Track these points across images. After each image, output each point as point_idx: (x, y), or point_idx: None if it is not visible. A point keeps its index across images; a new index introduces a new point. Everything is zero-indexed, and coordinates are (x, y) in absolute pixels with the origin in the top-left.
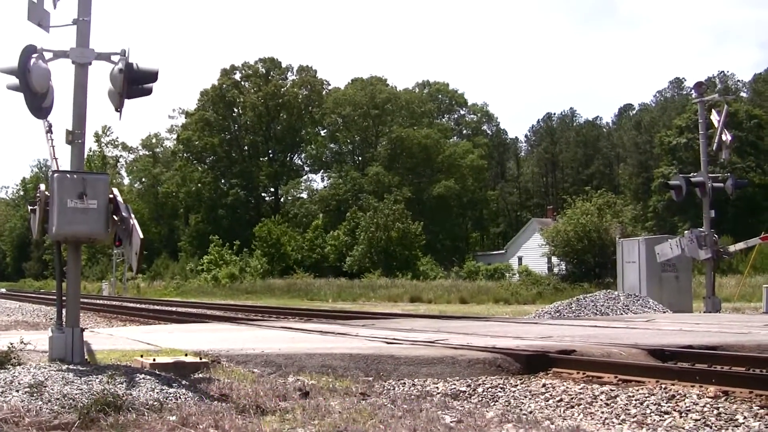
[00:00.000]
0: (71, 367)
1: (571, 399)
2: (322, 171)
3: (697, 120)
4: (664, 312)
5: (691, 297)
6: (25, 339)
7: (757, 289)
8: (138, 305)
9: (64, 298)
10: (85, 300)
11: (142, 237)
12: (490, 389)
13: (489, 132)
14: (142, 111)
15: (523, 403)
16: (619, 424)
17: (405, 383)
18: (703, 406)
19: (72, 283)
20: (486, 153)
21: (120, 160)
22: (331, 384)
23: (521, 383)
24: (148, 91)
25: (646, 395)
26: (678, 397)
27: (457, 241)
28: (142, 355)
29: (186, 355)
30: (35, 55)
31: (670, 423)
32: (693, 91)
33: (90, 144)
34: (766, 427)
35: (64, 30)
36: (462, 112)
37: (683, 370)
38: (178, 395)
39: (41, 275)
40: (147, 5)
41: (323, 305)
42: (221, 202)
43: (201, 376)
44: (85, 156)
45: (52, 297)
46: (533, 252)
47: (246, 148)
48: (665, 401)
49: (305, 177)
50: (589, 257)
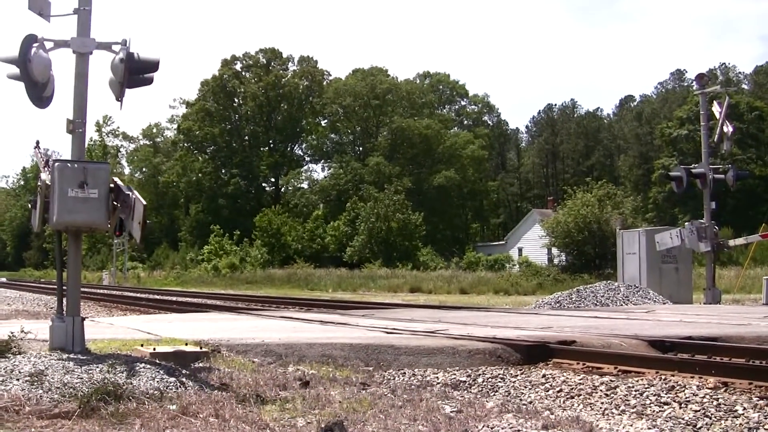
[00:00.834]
0: (72, 356)
1: (571, 389)
2: (323, 161)
3: (698, 111)
4: (664, 303)
5: (691, 288)
6: (26, 328)
7: (756, 280)
8: (138, 295)
9: (64, 288)
10: (86, 289)
11: (144, 203)
12: (490, 379)
13: (490, 123)
14: (142, 101)
15: (523, 393)
16: (619, 414)
17: (405, 373)
18: (703, 397)
19: (72, 273)
20: (487, 144)
21: (121, 149)
22: (332, 373)
23: (521, 373)
24: (149, 81)
25: (646, 386)
26: (678, 388)
27: (458, 232)
28: (142, 345)
29: (186, 344)
30: (36, 44)
31: (670, 413)
32: (694, 82)
33: (91, 133)
34: (766, 418)
35: (64, 19)
36: (463, 103)
37: (683, 361)
38: (179, 384)
39: (42, 265)
40: None
41: (323, 295)
42: (222, 192)
43: (201, 365)
44: (85, 145)
45: (52, 286)
46: (533, 243)
47: (246, 138)
48: (665, 392)
49: (306, 167)
50: (589, 248)
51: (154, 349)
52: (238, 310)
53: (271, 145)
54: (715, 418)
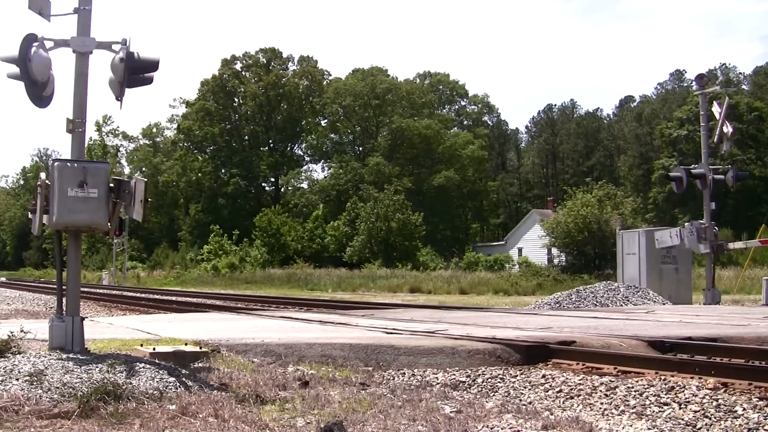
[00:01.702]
0: (71, 356)
1: (571, 390)
2: (323, 161)
3: (698, 112)
4: (664, 304)
5: (690, 289)
6: (25, 328)
7: (756, 281)
8: (138, 294)
9: (64, 287)
10: (85, 289)
11: (145, 181)
12: (489, 380)
13: (490, 123)
14: (142, 100)
15: (522, 393)
16: (619, 415)
17: (405, 373)
18: (703, 398)
19: (72, 272)
20: (486, 144)
21: (120, 149)
22: (331, 374)
23: (521, 374)
24: (149, 81)
25: (646, 386)
26: (677, 388)
27: (457, 232)
28: (142, 344)
29: (186, 344)
30: (36, 43)
31: (669, 414)
32: (694, 83)
33: (90, 133)
34: (766, 419)
35: (64, 19)
36: (463, 103)
37: (683, 361)
38: (178, 384)
39: (41, 264)
40: None
41: (323, 295)
42: (221, 191)
43: (201, 365)
44: (85, 145)
45: (52, 286)
46: (533, 243)
47: (246, 138)
48: (664, 392)
49: (306, 167)
50: (589, 249)
51: (154, 349)
52: (237, 310)
53: (271, 144)
54: (714, 418)
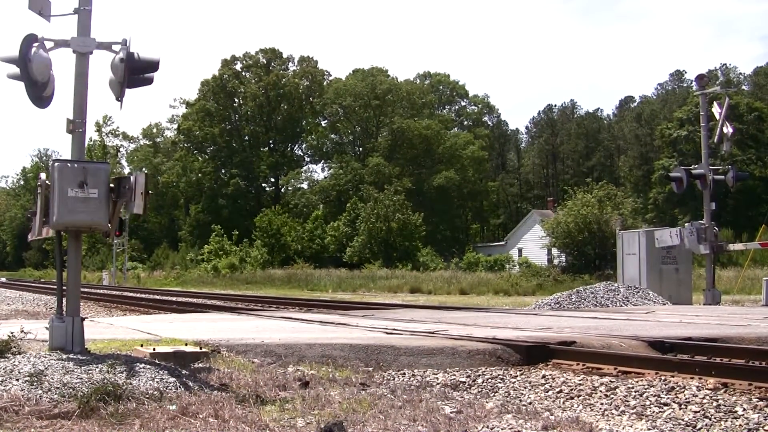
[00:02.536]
0: (71, 356)
1: (571, 390)
2: (323, 161)
3: (698, 112)
4: (664, 304)
5: (690, 289)
6: (26, 328)
7: (756, 281)
8: (138, 295)
9: (64, 288)
10: (86, 289)
11: (147, 172)
12: (489, 380)
13: (490, 123)
14: (142, 101)
15: (522, 394)
16: (619, 415)
17: (405, 373)
18: (703, 398)
19: (72, 273)
20: (487, 144)
21: (121, 149)
22: (331, 374)
23: (521, 374)
24: (149, 81)
25: (646, 387)
26: (677, 388)
27: (458, 232)
28: (142, 345)
29: (186, 344)
30: (36, 44)
31: (670, 415)
32: (694, 83)
33: (91, 133)
34: (766, 419)
35: (65, 19)
36: (463, 104)
37: (683, 362)
38: (178, 385)
39: (41, 265)
40: None
41: (323, 295)
42: (221, 192)
43: (201, 365)
44: (85, 145)
45: (52, 286)
46: (533, 243)
47: (246, 138)
48: (665, 393)
49: (306, 167)
50: (589, 249)
51: (154, 349)
52: (237, 310)
53: (271, 145)
54: (714, 419)
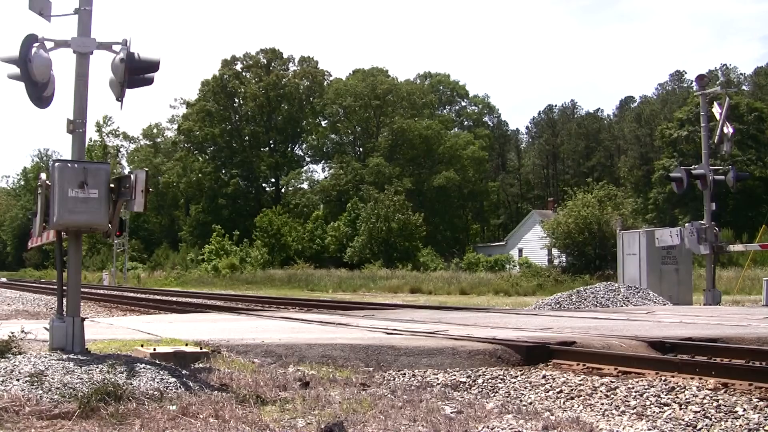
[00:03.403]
0: (72, 356)
1: (571, 390)
2: (323, 161)
3: (698, 112)
4: (664, 304)
5: (691, 289)
6: (26, 328)
7: (756, 281)
8: (138, 295)
9: (64, 288)
10: (86, 290)
11: (147, 170)
12: (490, 380)
13: (490, 123)
14: (143, 101)
15: (523, 394)
16: (619, 415)
17: (405, 374)
18: (703, 398)
19: (72, 273)
20: (487, 144)
21: (121, 149)
22: (332, 374)
23: (521, 374)
24: (150, 81)
25: (646, 387)
26: (678, 389)
27: (458, 233)
28: (142, 345)
29: (186, 344)
30: (36, 44)
31: (670, 415)
32: (695, 83)
33: (91, 133)
34: (766, 419)
35: (65, 19)
36: (463, 104)
37: (683, 362)
38: (179, 385)
39: (42, 265)
40: None
41: (323, 296)
42: (222, 192)
43: (201, 365)
44: (86, 145)
45: (52, 286)
46: (534, 244)
47: (247, 138)
48: (665, 393)
49: (306, 167)
50: (589, 249)
51: (154, 349)
52: (238, 310)
53: (272, 145)
54: (715, 419)
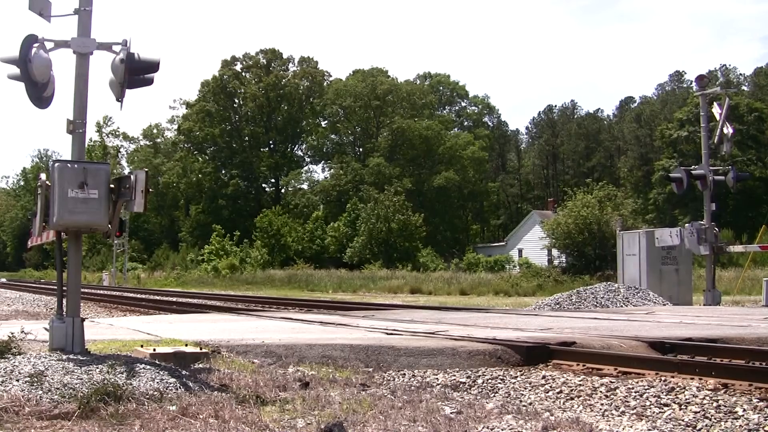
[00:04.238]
0: (71, 356)
1: (571, 391)
2: (323, 162)
3: (698, 113)
4: (664, 305)
5: (691, 290)
6: (26, 329)
7: (756, 282)
8: (138, 295)
9: (64, 288)
10: (86, 290)
11: (146, 171)
12: (490, 381)
13: (490, 124)
14: (143, 101)
15: (522, 394)
16: (619, 416)
17: (405, 374)
18: (703, 399)
19: (72, 273)
20: (487, 145)
21: (121, 150)
22: (331, 374)
23: (521, 375)
24: (150, 82)
25: (646, 387)
26: (677, 389)
27: (458, 233)
28: (142, 345)
29: (186, 345)
30: (36, 44)
31: (670, 415)
32: (694, 84)
33: (91, 134)
34: (766, 420)
35: (65, 20)
36: (463, 104)
37: (683, 362)
38: (178, 385)
39: (42, 265)
40: None
41: (323, 296)
42: (222, 192)
43: (201, 366)
44: (86, 146)
45: (52, 287)
46: (534, 244)
47: (247, 138)
48: (665, 393)
49: (306, 168)
50: (589, 249)
51: (154, 350)
52: (238, 311)
53: (272, 145)
54: (715, 419)
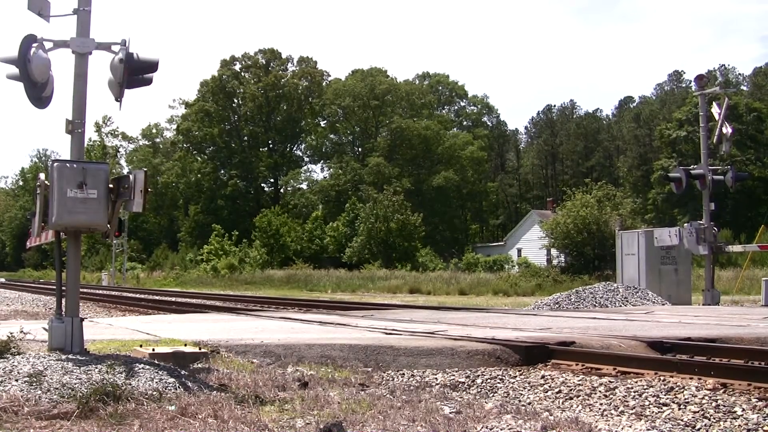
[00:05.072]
0: (70, 356)
1: (570, 390)
2: (322, 162)
3: (698, 113)
4: (663, 304)
5: (690, 289)
6: (25, 328)
7: (756, 282)
8: (137, 295)
9: (63, 288)
10: (85, 290)
11: (145, 170)
12: (489, 380)
13: (489, 123)
14: (142, 101)
15: (522, 394)
16: (618, 415)
17: (404, 374)
18: (702, 398)
19: (71, 273)
20: (486, 144)
21: (120, 150)
22: (330, 374)
23: (520, 374)
24: (149, 81)
25: (645, 387)
26: (677, 389)
27: (457, 233)
28: (141, 345)
29: (185, 345)
30: (35, 44)
31: (669, 415)
32: (694, 83)
33: (90, 134)
34: (765, 419)
35: (64, 20)
36: (462, 104)
37: (682, 362)
38: (177, 385)
39: (41, 265)
40: None
41: (322, 296)
42: (221, 192)
43: (200, 366)
44: (84, 146)
45: (51, 287)
46: (533, 244)
47: (246, 138)
48: (664, 393)
49: (305, 168)
50: (588, 249)
51: (153, 349)
52: (237, 310)
53: (271, 145)
54: (714, 419)
